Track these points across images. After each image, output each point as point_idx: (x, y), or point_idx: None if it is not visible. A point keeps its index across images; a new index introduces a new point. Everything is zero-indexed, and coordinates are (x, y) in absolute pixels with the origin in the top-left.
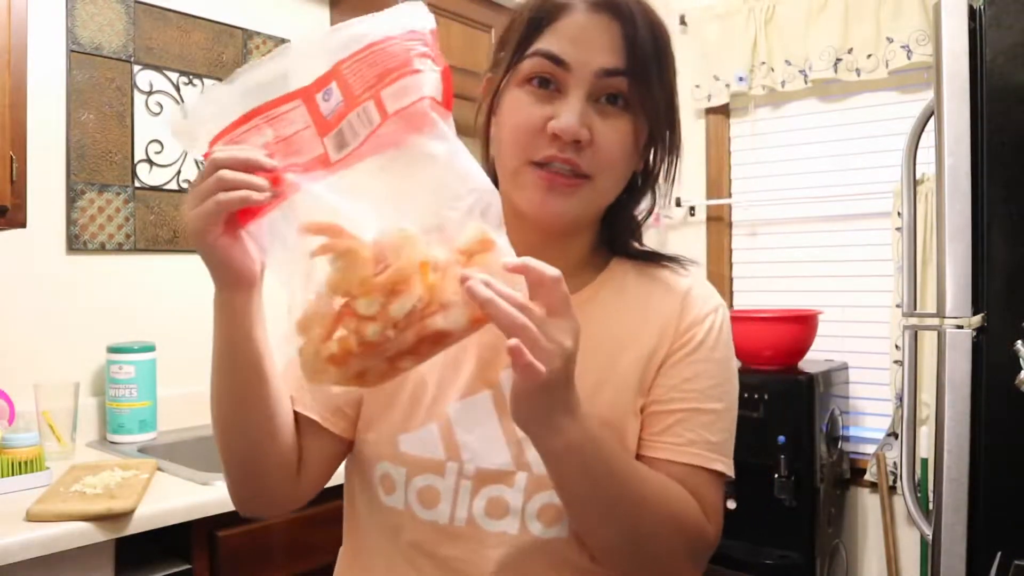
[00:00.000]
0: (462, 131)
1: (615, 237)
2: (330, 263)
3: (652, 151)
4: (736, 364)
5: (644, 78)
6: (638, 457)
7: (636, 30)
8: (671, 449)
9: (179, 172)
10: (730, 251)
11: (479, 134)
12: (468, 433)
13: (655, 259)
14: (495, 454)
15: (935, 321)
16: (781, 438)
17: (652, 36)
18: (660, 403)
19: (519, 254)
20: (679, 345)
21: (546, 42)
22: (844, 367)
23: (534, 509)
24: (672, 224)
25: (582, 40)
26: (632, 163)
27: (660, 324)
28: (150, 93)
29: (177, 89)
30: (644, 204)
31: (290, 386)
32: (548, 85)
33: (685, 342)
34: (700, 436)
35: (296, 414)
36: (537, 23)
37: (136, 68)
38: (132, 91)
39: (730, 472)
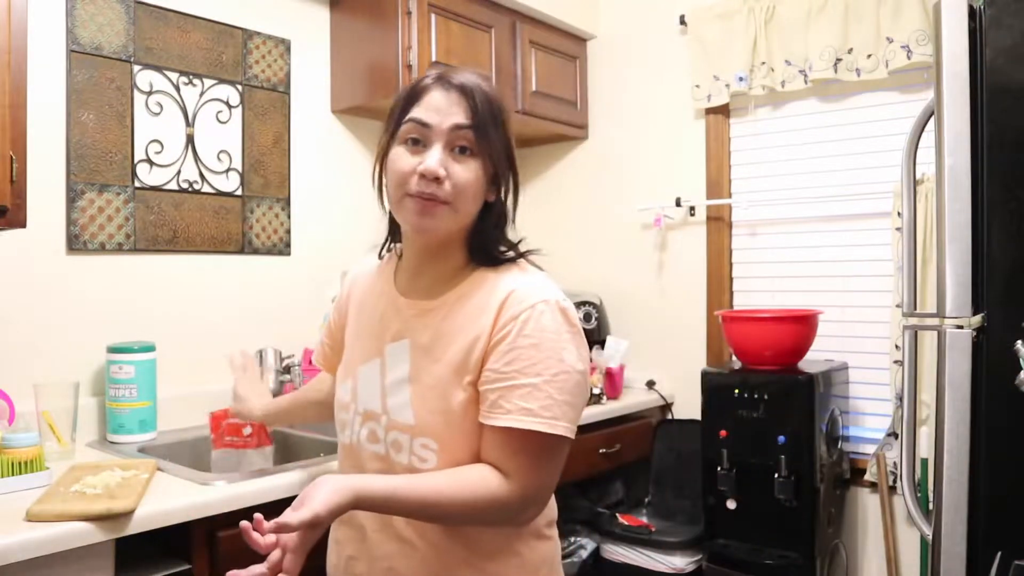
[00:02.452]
0: None
1: (476, 252)
2: None
3: (498, 185)
4: (561, 345)
5: (484, 131)
6: (479, 425)
7: (476, 100)
8: (492, 418)
9: (179, 172)
10: (730, 251)
11: (375, 182)
12: (363, 387)
13: (507, 263)
14: (372, 401)
15: (935, 321)
16: (781, 438)
17: (488, 104)
18: (486, 384)
19: (412, 268)
20: (498, 338)
21: (415, 112)
22: (844, 367)
23: (391, 440)
24: (672, 224)
25: (440, 109)
26: (481, 193)
27: (483, 320)
28: (150, 93)
29: (177, 89)
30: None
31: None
32: (418, 143)
33: (503, 336)
34: (515, 406)
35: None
36: (409, 101)
37: (136, 68)
38: (132, 91)
39: (555, 431)
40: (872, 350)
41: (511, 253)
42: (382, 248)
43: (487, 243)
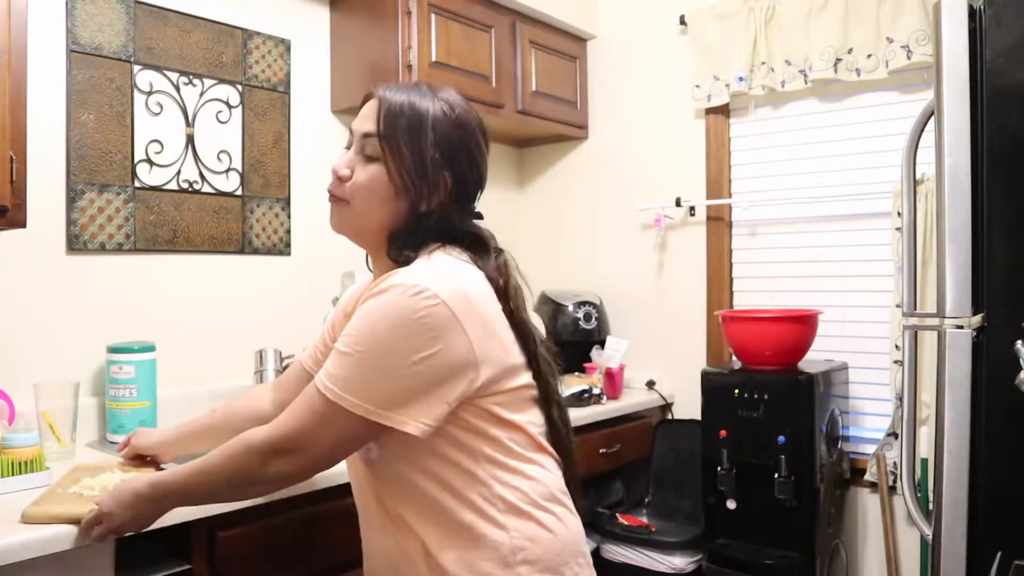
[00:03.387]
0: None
1: (390, 252)
2: None
3: (413, 194)
4: (381, 323)
5: (389, 141)
6: None
7: (385, 110)
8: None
9: (179, 172)
10: (730, 251)
11: None
12: None
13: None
14: None
15: (935, 321)
16: (781, 438)
17: (403, 116)
18: None
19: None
20: (343, 322)
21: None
22: (844, 367)
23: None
24: (672, 224)
25: (361, 116)
26: (384, 198)
27: (347, 308)
28: (150, 93)
29: (177, 89)
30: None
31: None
32: (350, 147)
33: (350, 315)
34: (324, 369)
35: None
36: (358, 111)
37: (136, 68)
38: (132, 91)
39: (326, 393)
40: (872, 350)
41: (421, 246)
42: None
43: (398, 242)
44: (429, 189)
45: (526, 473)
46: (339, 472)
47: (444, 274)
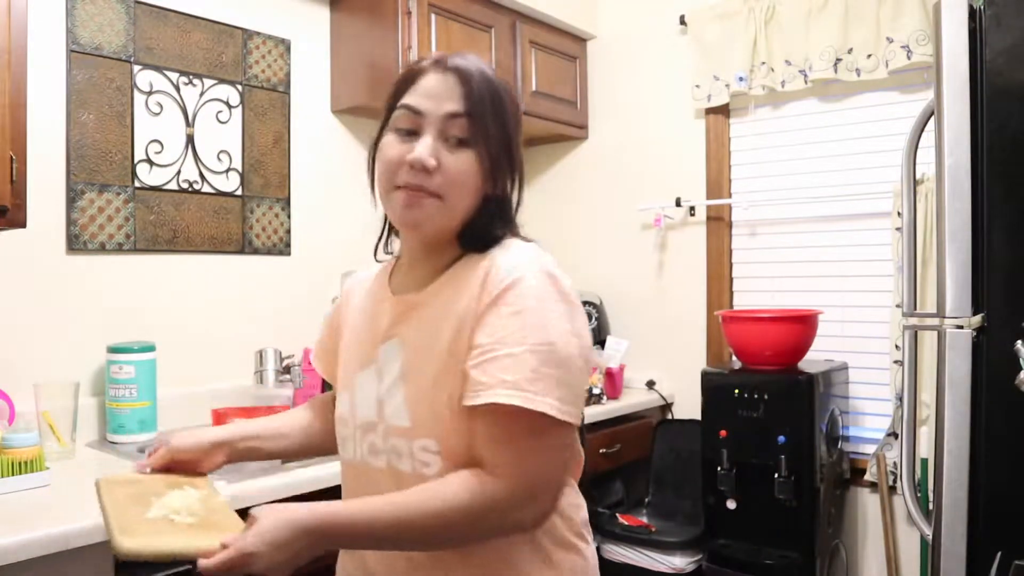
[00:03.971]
0: None
1: (466, 241)
2: None
3: (496, 178)
4: (546, 313)
5: (480, 120)
6: (466, 409)
7: (473, 85)
8: (473, 396)
9: (179, 172)
10: (730, 251)
11: (368, 173)
12: (360, 396)
13: (496, 243)
14: (369, 411)
15: (935, 321)
16: (781, 438)
17: (488, 90)
18: (468, 362)
19: (407, 265)
20: (478, 316)
21: (408, 98)
22: (844, 367)
23: (389, 449)
24: (672, 224)
25: (433, 94)
26: (476, 186)
27: (465, 301)
28: (150, 93)
29: (177, 89)
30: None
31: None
32: (411, 133)
33: (482, 312)
34: (495, 378)
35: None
36: (404, 86)
37: (136, 68)
38: (132, 91)
39: (538, 407)
40: (872, 350)
41: (498, 234)
42: (377, 245)
43: (477, 230)
44: (507, 172)
45: (570, 493)
46: (337, 472)
47: (548, 259)
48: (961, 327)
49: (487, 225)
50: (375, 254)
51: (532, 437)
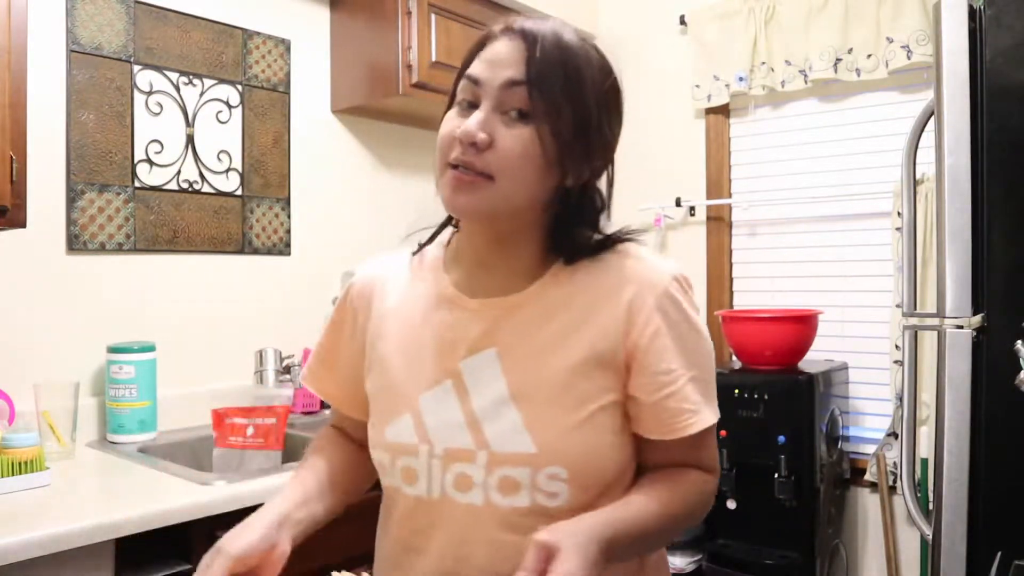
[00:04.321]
0: None
1: (560, 246)
2: None
3: (570, 165)
4: (699, 322)
5: (545, 89)
6: (652, 441)
7: (537, 49)
8: (678, 428)
9: (179, 172)
10: (730, 251)
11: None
12: (434, 418)
13: (606, 246)
14: (458, 435)
15: (935, 321)
16: (781, 438)
17: (560, 55)
18: (654, 393)
19: (473, 261)
20: (648, 335)
21: (472, 68)
22: (844, 367)
23: (494, 482)
24: (672, 224)
25: (495, 61)
26: (538, 171)
27: (609, 314)
28: (150, 93)
29: (177, 89)
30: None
31: (345, 394)
32: (473, 107)
33: (652, 331)
34: (695, 404)
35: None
36: (471, 55)
37: (136, 68)
38: (132, 91)
39: (716, 415)
40: (872, 350)
41: (598, 237)
42: (433, 236)
43: (571, 230)
44: (585, 158)
45: None
46: None
47: (672, 263)
48: (961, 327)
49: (574, 221)
50: (424, 245)
51: (712, 436)
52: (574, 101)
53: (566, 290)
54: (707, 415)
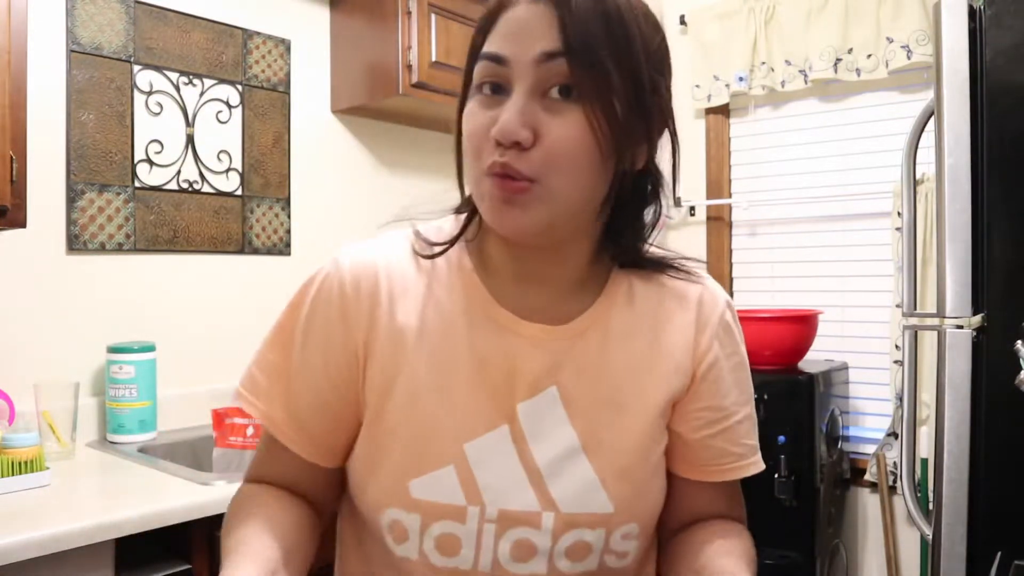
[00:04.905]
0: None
1: (620, 245)
2: None
3: (627, 144)
4: (745, 352)
5: (589, 58)
6: (682, 480)
7: (572, 9)
8: (727, 470)
9: (179, 172)
10: (730, 251)
11: (457, 160)
12: (487, 473)
13: (662, 266)
14: (518, 494)
15: (935, 321)
16: (781, 438)
17: (602, 13)
18: (702, 429)
19: (514, 271)
20: (704, 367)
21: (488, 44)
22: (844, 367)
23: (563, 548)
24: (672, 224)
25: (520, 32)
26: (596, 159)
27: (680, 343)
28: (150, 93)
29: (177, 89)
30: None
31: (293, 429)
32: (498, 91)
33: (711, 361)
34: (746, 447)
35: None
36: (484, 28)
37: (136, 68)
38: (132, 91)
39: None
40: (872, 350)
41: (656, 252)
42: (454, 240)
43: (629, 233)
44: (645, 135)
45: None
46: None
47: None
48: (961, 327)
49: (632, 219)
50: (443, 247)
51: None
52: (625, 66)
53: (630, 311)
54: (759, 459)
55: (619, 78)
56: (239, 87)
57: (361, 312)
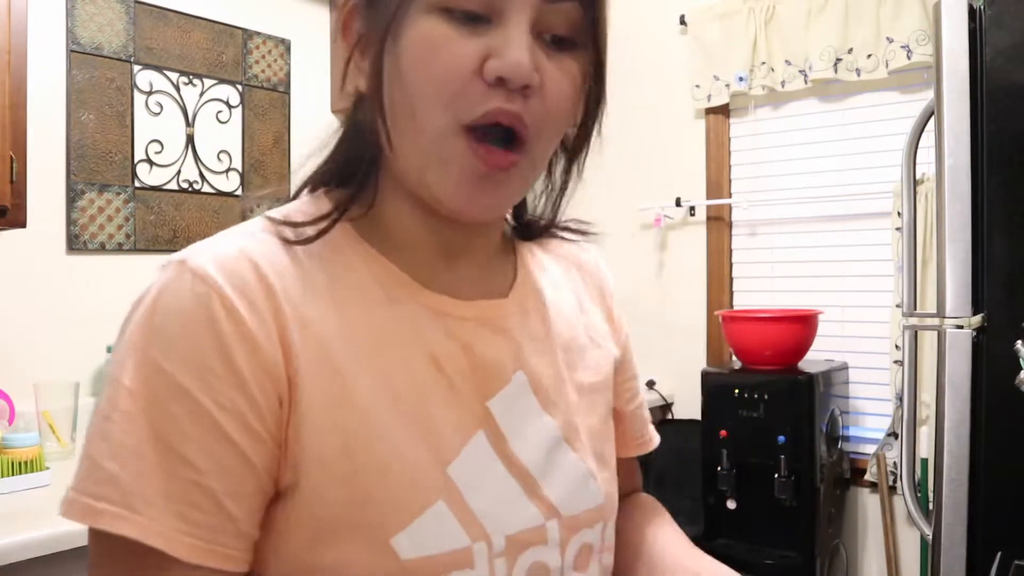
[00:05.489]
0: None
1: (522, 214)
2: None
3: (591, 109)
4: None
5: (595, 11)
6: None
7: None
8: (647, 443)
9: (179, 172)
10: (730, 251)
11: (363, 86)
12: (479, 496)
13: (548, 231)
14: (518, 510)
15: (935, 321)
16: (781, 438)
17: None
18: (631, 403)
19: (426, 241)
20: (623, 337)
21: None
22: (844, 367)
23: (571, 560)
24: (672, 224)
25: None
26: (567, 124)
27: (600, 314)
28: (150, 93)
29: (177, 89)
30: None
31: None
32: (477, 19)
33: (627, 333)
34: (647, 418)
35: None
36: None
37: (136, 68)
38: (132, 91)
39: None
40: (872, 350)
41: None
42: (337, 215)
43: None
44: (597, 102)
45: None
46: None
47: None
48: (961, 327)
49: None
50: (331, 219)
51: None
52: (606, 27)
53: (549, 282)
54: (654, 434)
55: (604, 32)
56: (239, 87)
57: (264, 325)
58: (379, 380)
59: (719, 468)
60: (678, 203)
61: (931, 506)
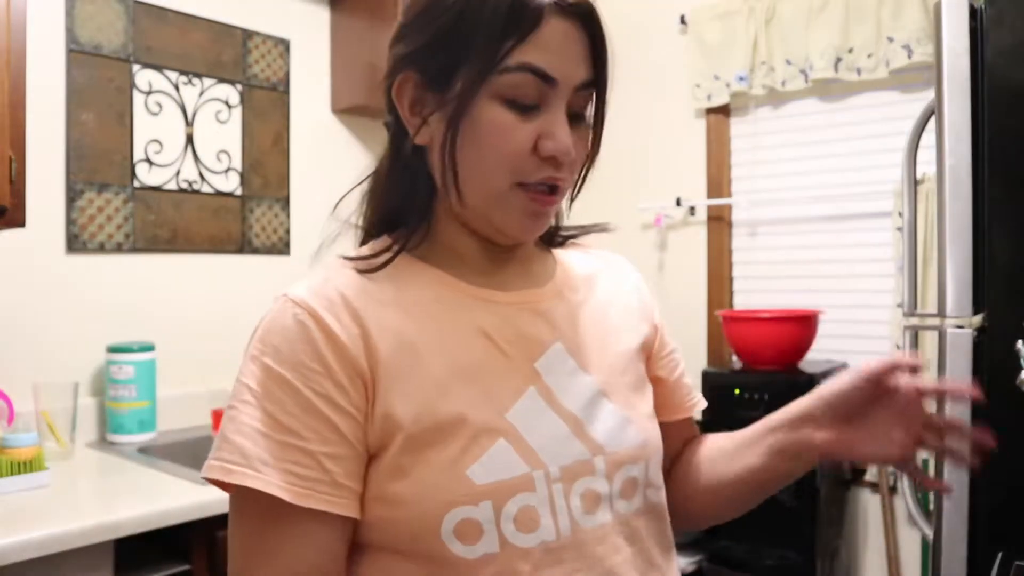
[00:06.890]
0: None
1: (549, 231)
2: None
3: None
4: None
5: (604, 92)
6: (670, 424)
7: (602, 40)
8: (693, 405)
9: (178, 172)
10: (730, 251)
11: (437, 148)
12: (535, 435)
13: (566, 240)
14: (568, 446)
15: (936, 321)
16: None
17: (606, 37)
18: (672, 371)
19: (477, 253)
20: (657, 318)
21: (531, 55)
22: (844, 367)
23: (617, 489)
24: (672, 224)
25: (563, 53)
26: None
27: (633, 299)
28: (150, 93)
29: (177, 89)
30: None
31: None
32: (529, 109)
33: (660, 316)
34: (690, 384)
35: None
36: (514, 29)
37: (136, 68)
38: (132, 91)
39: None
40: (872, 350)
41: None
42: (400, 248)
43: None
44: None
45: None
46: None
47: None
48: (962, 327)
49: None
50: (368, 262)
51: None
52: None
53: (582, 277)
54: (698, 396)
55: (605, 113)
56: (239, 87)
57: (346, 330)
58: (444, 356)
59: None
60: (678, 203)
61: (931, 506)
